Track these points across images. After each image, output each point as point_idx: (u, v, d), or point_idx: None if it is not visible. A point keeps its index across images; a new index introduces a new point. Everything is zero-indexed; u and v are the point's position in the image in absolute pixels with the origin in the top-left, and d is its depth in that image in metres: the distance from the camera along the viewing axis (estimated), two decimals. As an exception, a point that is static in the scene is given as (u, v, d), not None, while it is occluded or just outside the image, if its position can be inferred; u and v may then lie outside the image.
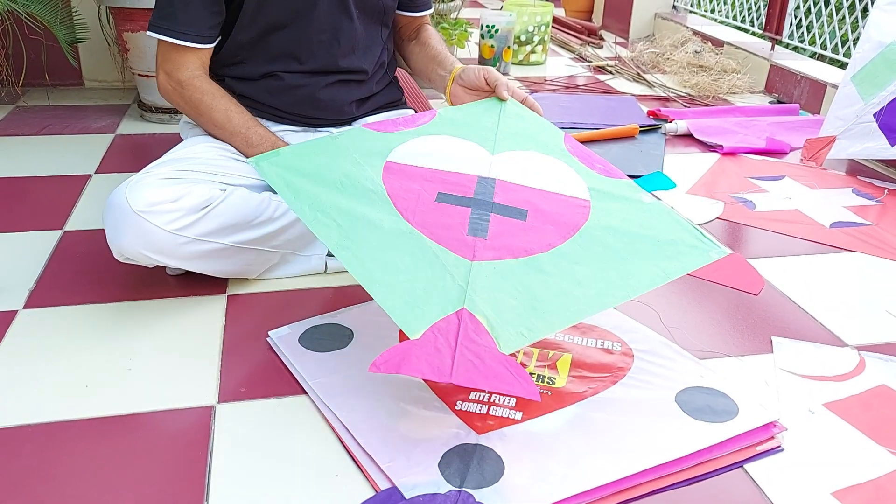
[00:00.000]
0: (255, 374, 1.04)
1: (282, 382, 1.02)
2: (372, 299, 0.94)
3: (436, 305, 0.89)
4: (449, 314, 0.88)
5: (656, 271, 0.98)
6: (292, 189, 1.03)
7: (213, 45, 1.25)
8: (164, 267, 1.27)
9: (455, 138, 1.18)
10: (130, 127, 2.09)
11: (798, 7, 2.74)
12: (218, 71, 1.31)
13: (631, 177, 1.77)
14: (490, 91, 1.27)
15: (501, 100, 1.25)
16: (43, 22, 2.00)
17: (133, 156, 1.86)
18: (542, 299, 0.92)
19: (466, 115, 1.24)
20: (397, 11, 1.42)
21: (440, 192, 1.06)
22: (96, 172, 1.75)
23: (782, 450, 0.91)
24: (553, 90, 2.61)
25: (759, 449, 0.91)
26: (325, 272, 1.32)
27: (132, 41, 2.06)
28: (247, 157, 1.26)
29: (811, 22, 2.65)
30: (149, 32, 1.22)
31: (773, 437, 0.93)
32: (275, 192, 1.27)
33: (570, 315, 0.92)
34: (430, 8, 1.47)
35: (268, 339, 1.11)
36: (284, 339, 1.10)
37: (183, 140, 1.35)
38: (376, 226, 0.99)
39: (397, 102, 1.45)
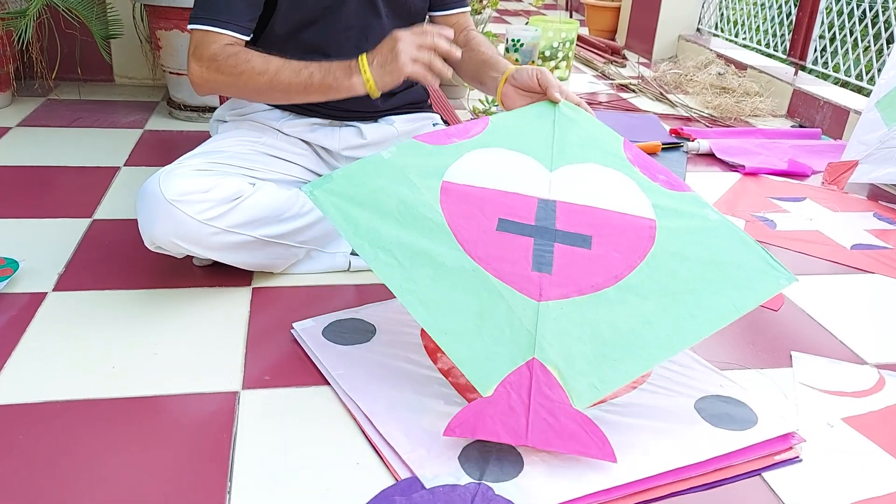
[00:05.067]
0: (278, 363, 1.06)
1: (305, 373, 1.04)
2: (394, 297, 0.95)
3: (505, 356, 0.90)
4: (519, 365, 0.89)
5: (726, 304, 0.96)
6: (350, 222, 1.01)
7: (248, 37, 1.27)
8: (192, 257, 1.29)
9: (511, 152, 1.14)
10: (159, 123, 2.12)
11: (823, 35, 2.76)
12: None
13: (652, 192, 1.80)
14: (542, 93, 1.22)
15: (553, 102, 1.21)
16: (79, 16, 2.04)
17: (161, 151, 1.89)
18: (612, 344, 0.92)
19: (519, 121, 1.19)
20: (430, 13, 1.44)
21: (501, 219, 1.04)
22: (125, 165, 1.77)
23: (800, 460, 0.92)
24: (576, 105, 2.63)
25: (778, 458, 0.91)
26: (348, 270, 1.33)
27: (165, 39, 2.10)
28: (304, 89, 1.18)
29: (836, 48, 2.66)
30: (190, 26, 1.24)
31: (791, 448, 0.93)
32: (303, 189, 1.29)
33: (641, 362, 0.91)
34: (464, 6, 1.44)
35: (292, 331, 1.12)
36: (308, 331, 1.12)
37: (212, 136, 1.38)
38: (439, 264, 0.97)
39: (422, 103, 1.47)
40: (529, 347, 0.90)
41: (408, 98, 1.43)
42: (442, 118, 1.51)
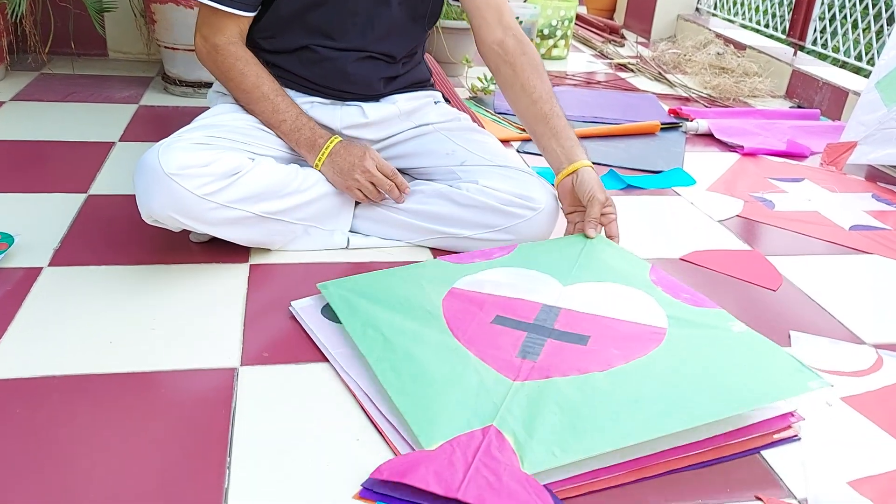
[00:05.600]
0: (277, 340, 1.05)
1: (304, 350, 1.03)
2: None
3: (462, 420, 0.84)
4: (475, 430, 0.83)
5: (735, 398, 0.87)
6: (350, 306, 1.05)
7: (253, 14, 1.26)
8: (189, 232, 1.28)
9: (529, 270, 1.15)
10: (154, 99, 2.10)
11: (822, 15, 2.74)
12: (253, 41, 1.31)
13: (651, 172, 1.80)
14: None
15: (588, 237, 1.22)
16: (73, -11, 2.01)
17: (157, 126, 1.87)
18: (587, 417, 0.84)
19: (547, 250, 1.20)
20: (450, 2, 1.42)
21: (498, 315, 1.03)
22: (120, 140, 1.76)
23: (799, 439, 0.92)
24: (574, 85, 2.61)
25: (776, 437, 0.92)
26: (346, 248, 1.33)
27: (160, 13, 2.07)
28: (270, 126, 1.28)
29: (835, 29, 2.65)
30: (195, -1, 1.23)
31: (790, 426, 0.93)
32: (302, 166, 1.28)
33: (614, 437, 0.81)
34: None
35: (290, 308, 1.12)
36: (306, 309, 1.11)
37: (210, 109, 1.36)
38: (422, 340, 0.97)
39: (425, 82, 1.45)
40: (491, 417, 0.84)
41: (410, 79, 1.41)
42: (443, 96, 1.49)
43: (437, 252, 1.32)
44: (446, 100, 1.51)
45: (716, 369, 0.92)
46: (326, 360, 1.01)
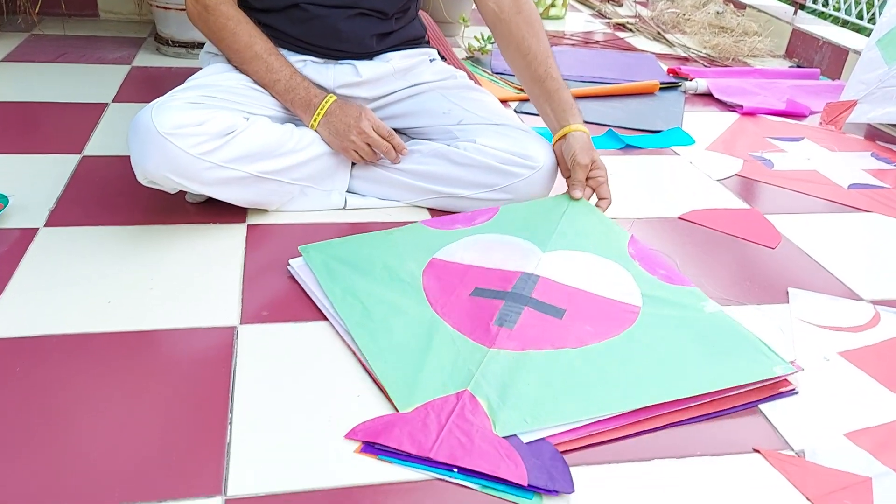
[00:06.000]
0: (276, 299, 1.05)
1: (303, 308, 1.03)
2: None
3: (437, 385, 0.86)
4: (449, 394, 0.85)
5: (702, 378, 0.89)
6: (330, 272, 1.06)
7: None
8: (185, 193, 1.27)
9: (509, 236, 1.15)
10: (147, 60, 2.07)
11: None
12: (244, 0, 1.29)
13: (650, 132, 1.79)
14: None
15: (573, 198, 1.22)
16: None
17: (150, 87, 1.85)
18: (559, 390, 0.86)
19: (530, 213, 1.21)
20: None
21: (477, 287, 1.04)
22: (113, 102, 1.74)
23: (797, 392, 0.93)
24: (572, 45, 2.58)
25: (774, 391, 0.92)
26: (343, 208, 1.32)
27: (151, -28, 2.04)
28: (264, 85, 1.26)
29: (837, -13, 2.61)
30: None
31: (787, 381, 0.94)
32: (297, 125, 1.27)
33: (586, 407, 0.84)
34: None
35: (288, 267, 1.11)
36: (305, 268, 1.11)
37: (202, 69, 1.34)
38: (400, 311, 0.99)
39: (419, 39, 1.43)
40: (465, 382, 0.86)
41: (404, 36, 1.39)
42: (439, 53, 1.47)
43: (434, 212, 1.31)
44: (442, 57, 1.48)
45: (685, 352, 0.94)
46: (326, 319, 1.01)
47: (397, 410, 0.84)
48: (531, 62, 1.29)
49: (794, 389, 0.93)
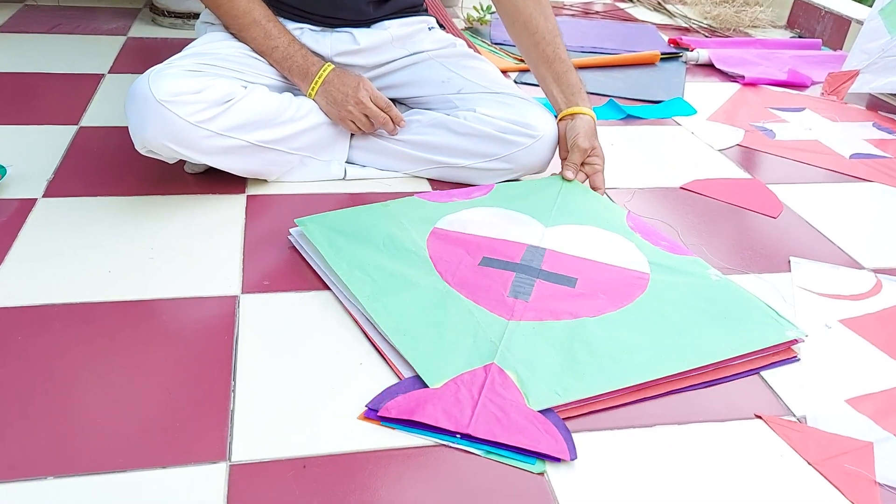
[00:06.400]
0: (277, 268, 1.05)
1: (305, 278, 1.03)
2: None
3: (462, 359, 0.85)
4: (476, 368, 0.84)
5: (720, 345, 0.90)
6: (334, 246, 1.04)
7: None
8: (184, 163, 1.26)
9: (509, 210, 1.16)
10: (142, 31, 2.05)
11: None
12: None
13: (651, 102, 1.77)
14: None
15: (565, 179, 1.24)
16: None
17: (146, 58, 1.83)
18: (584, 362, 0.86)
19: (525, 191, 1.22)
20: None
21: (485, 257, 1.04)
22: (110, 72, 1.72)
23: (798, 360, 0.93)
24: (572, 15, 2.56)
25: (776, 358, 0.92)
26: (343, 178, 1.31)
27: (145, -60, 2.00)
28: (261, 53, 1.25)
29: (839, -44, 2.58)
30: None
31: (790, 349, 0.94)
32: (296, 94, 1.26)
33: (613, 380, 0.84)
34: None
35: (289, 237, 1.11)
36: (306, 239, 1.10)
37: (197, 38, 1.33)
38: (412, 283, 0.98)
39: (417, 7, 1.41)
40: (490, 355, 0.86)
41: (402, 4, 1.37)
42: (437, 21, 1.46)
43: (434, 183, 1.30)
44: (441, 26, 1.47)
45: (701, 318, 0.95)
46: (327, 288, 1.01)
47: (401, 379, 0.85)
48: (539, 42, 1.27)
49: (795, 357, 0.93)
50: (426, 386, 0.82)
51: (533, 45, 1.28)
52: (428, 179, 1.32)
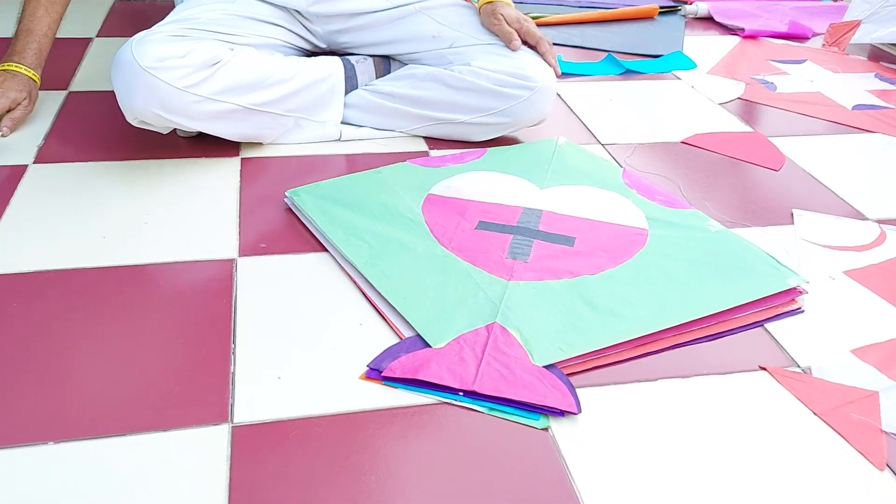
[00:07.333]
0: (274, 231, 1.03)
1: (302, 240, 1.02)
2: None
3: (464, 319, 0.85)
4: (478, 327, 0.84)
5: (722, 295, 0.90)
6: (328, 215, 1.03)
7: None
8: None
9: (503, 174, 1.16)
10: (129, -7, 2.00)
11: None
12: None
13: (650, 56, 1.74)
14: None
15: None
16: None
17: (135, 21, 1.78)
18: (586, 318, 0.86)
19: (519, 154, 1.23)
20: None
21: (481, 221, 1.04)
22: (97, 36, 1.69)
23: (803, 311, 0.92)
24: (568, -30, 2.50)
25: (780, 310, 0.92)
26: (339, 139, 1.29)
27: None
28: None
29: None
30: None
31: (793, 300, 0.93)
32: (284, 55, 1.23)
33: (616, 334, 0.84)
34: None
35: (285, 199, 1.09)
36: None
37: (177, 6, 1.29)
38: (409, 248, 0.97)
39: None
40: (492, 315, 0.86)
41: None
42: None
43: (431, 142, 1.28)
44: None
45: (701, 270, 0.95)
46: (325, 250, 0.99)
47: (402, 339, 0.84)
48: None
49: (799, 308, 0.92)
50: (428, 345, 0.82)
51: None
52: (424, 138, 1.30)
